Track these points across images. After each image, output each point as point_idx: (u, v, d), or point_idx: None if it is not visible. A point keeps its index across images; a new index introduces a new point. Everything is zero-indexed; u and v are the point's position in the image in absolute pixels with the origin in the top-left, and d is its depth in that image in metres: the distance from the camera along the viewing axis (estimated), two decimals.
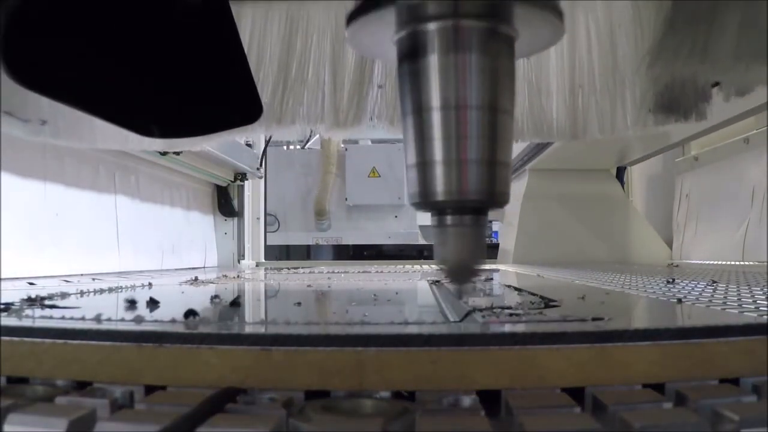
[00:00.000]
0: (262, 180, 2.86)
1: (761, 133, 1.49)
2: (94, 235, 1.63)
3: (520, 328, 0.34)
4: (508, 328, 0.33)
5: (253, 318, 0.48)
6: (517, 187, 2.13)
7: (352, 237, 3.44)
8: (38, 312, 0.43)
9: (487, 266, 1.66)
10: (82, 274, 1.47)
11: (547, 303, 0.46)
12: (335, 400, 0.28)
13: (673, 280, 0.76)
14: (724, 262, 1.59)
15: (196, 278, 1.00)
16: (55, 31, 0.34)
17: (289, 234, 3.41)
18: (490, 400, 0.29)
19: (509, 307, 0.42)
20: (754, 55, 0.46)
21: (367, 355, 0.29)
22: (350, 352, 0.29)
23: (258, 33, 0.65)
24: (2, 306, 0.43)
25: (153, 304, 0.49)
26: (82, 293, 0.62)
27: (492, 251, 2.42)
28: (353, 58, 0.67)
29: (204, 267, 2.42)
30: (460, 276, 0.34)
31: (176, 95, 0.42)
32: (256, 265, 2.74)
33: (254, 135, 0.74)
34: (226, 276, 1.01)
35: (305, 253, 3.53)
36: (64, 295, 0.56)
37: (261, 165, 2.69)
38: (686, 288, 0.65)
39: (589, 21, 0.63)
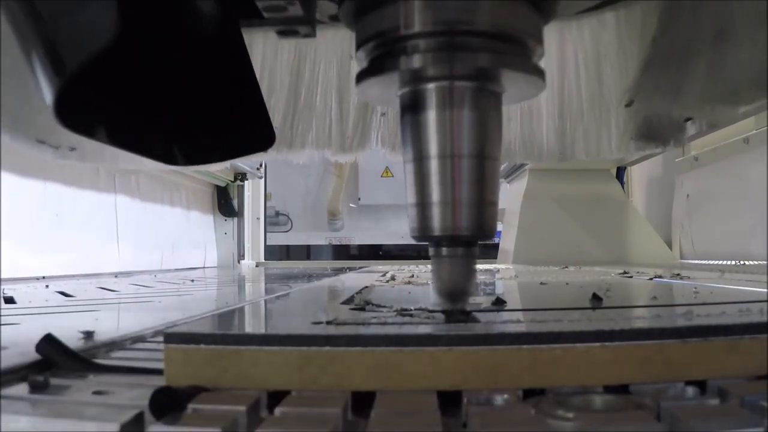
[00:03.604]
0: (262, 180, 2.87)
1: (761, 133, 1.49)
2: (93, 235, 1.63)
3: None
4: None
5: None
6: (517, 187, 2.14)
7: (364, 237, 3.44)
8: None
9: (485, 266, 1.66)
10: (88, 274, 1.48)
11: None
12: None
13: None
14: (725, 262, 1.59)
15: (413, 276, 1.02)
16: (98, 82, 0.37)
17: (301, 234, 3.42)
18: None
19: None
20: (719, 98, 0.52)
21: None
22: None
23: (269, 61, 0.68)
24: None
25: (596, 299, 0.49)
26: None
27: (492, 251, 2.42)
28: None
29: (204, 267, 2.43)
30: (454, 298, 0.38)
31: (198, 125, 0.45)
32: (257, 266, 2.75)
33: (267, 158, 0.78)
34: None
35: (305, 253, 3.53)
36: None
37: (261, 165, 2.70)
38: None
39: (577, 51, 0.67)
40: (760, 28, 0.46)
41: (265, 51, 0.67)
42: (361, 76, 0.39)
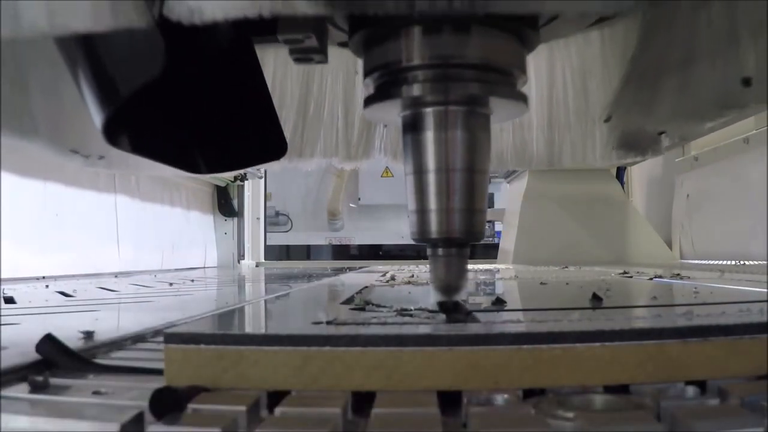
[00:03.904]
0: (262, 180, 2.86)
1: (761, 133, 1.49)
2: (94, 235, 1.63)
3: None
4: None
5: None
6: (517, 187, 2.13)
7: (364, 237, 3.45)
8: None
9: (486, 266, 1.66)
10: (88, 274, 1.48)
11: None
12: None
13: None
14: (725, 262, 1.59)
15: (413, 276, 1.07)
16: (135, 100, 0.40)
17: (301, 234, 3.42)
18: None
19: None
20: (687, 114, 0.56)
21: None
22: None
23: (280, 75, 0.72)
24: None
25: (596, 299, 0.51)
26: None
27: (492, 251, 2.41)
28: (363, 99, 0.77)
29: (204, 267, 2.43)
30: (448, 292, 0.43)
31: (218, 136, 0.50)
32: (257, 266, 2.75)
33: (277, 166, 0.83)
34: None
35: (305, 253, 3.53)
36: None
37: None
38: None
39: (565, 67, 0.72)
40: (720, 54, 0.50)
41: (276, 67, 0.71)
42: (369, 101, 0.44)
